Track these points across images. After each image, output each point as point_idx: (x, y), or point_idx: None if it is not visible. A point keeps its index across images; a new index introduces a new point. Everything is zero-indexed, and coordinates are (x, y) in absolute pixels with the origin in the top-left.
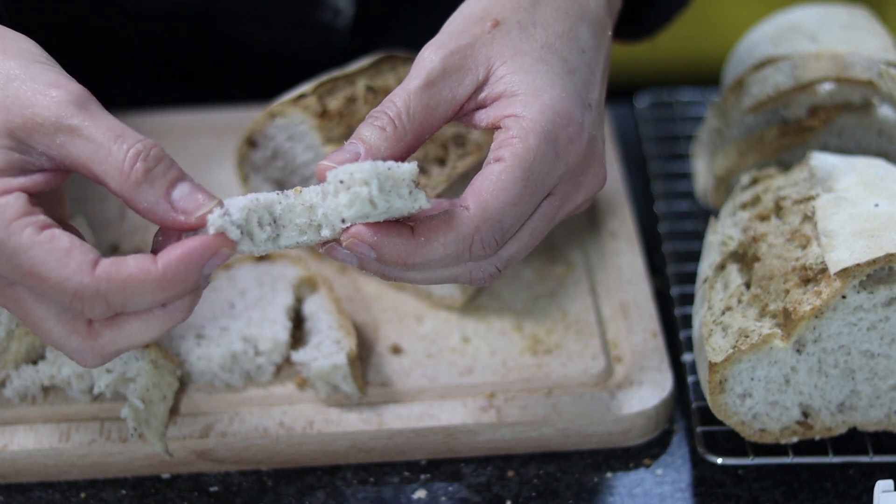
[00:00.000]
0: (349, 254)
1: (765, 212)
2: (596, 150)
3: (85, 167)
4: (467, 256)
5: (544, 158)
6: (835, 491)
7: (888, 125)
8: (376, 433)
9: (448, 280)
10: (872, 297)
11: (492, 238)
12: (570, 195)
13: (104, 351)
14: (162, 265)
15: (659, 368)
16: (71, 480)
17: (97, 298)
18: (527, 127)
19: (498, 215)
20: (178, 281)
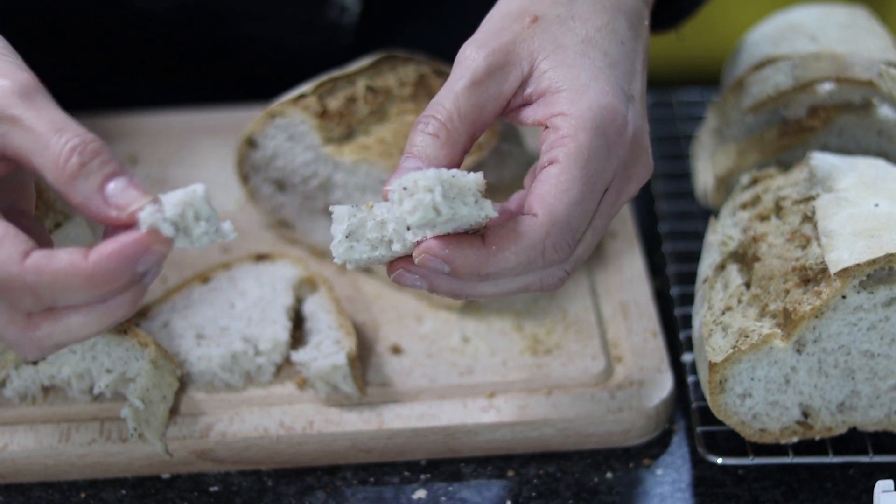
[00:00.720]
0: (417, 277)
1: (765, 212)
2: (643, 140)
3: (24, 158)
4: (540, 263)
5: (597, 154)
6: (835, 491)
7: (888, 125)
8: (376, 433)
9: (520, 289)
10: (872, 297)
11: (563, 241)
12: (624, 187)
13: (42, 343)
14: (93, 261)
15: (659, 368)
16: (71, 480)
17: (25, 290)
18: (576, 125)
19: (565, 217)
20: (109, 277)
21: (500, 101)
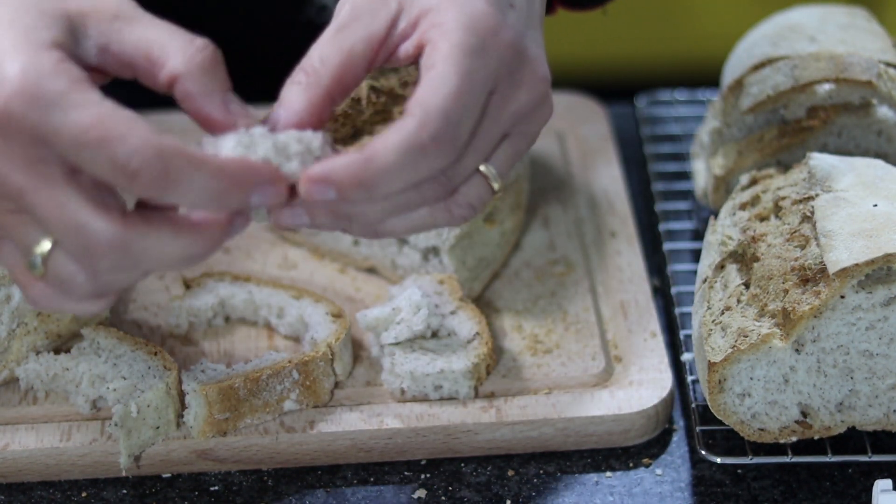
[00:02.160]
0: (300, 211)
1: (764, 212)
2: (526, 46)
3: (142, 51)
4: (425, 166)
5: (472, 50)
6: (834, 490)
7: (887, 126)
8: (376, 433)
9: (427, 223)
10: (871, 297)
11: (443, 135)
12: (513, 94)
13: (126, 244)
14: (222, 160)
15: (659, 368)
16: (72, 480)
17: (155, 165)
18: (448, 28)
19: (440, 109)
20: (233, 180)
21: (371, 41)
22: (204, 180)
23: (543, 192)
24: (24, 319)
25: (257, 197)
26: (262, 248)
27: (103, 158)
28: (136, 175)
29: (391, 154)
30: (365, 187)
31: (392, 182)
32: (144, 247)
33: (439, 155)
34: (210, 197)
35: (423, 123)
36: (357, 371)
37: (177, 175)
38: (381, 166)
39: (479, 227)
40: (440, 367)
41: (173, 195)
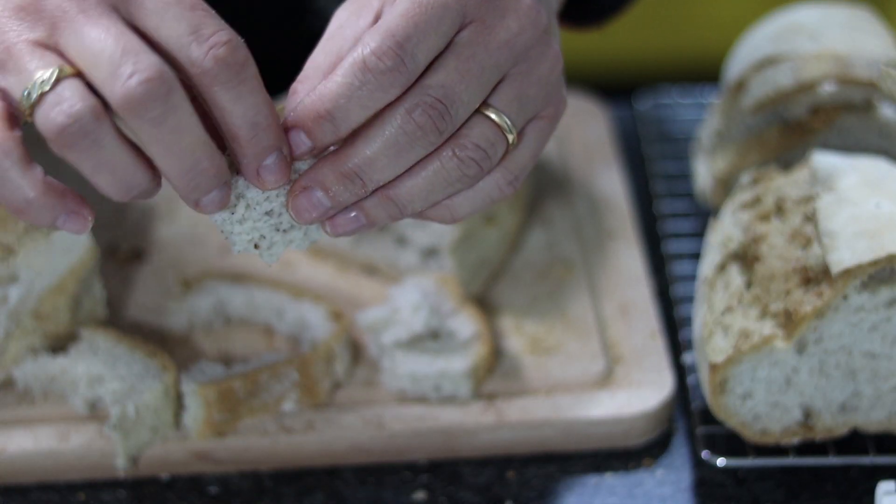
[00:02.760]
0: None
1: (766, 212)
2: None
3: None
4: (377, 85)
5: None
6: (836, 492)
7: (889, 125)
8: (376, 434)
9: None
10: (874, 297)
11: (386, 47)
12: (496, 22)
13: (155, 74)
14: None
15: (659, 368)
16: (69, 482)
17: (244, 53)
18: None
19: (386, 26)
20: (276, 120)
21: (354, 41)
22: (259, 100)
23: (543, 192)
24: (22, 320)
25: (273, 158)
26: None
27: None
28: (218, 45)
29: (338, 77)
30: (327, 118)
31: (350, 107)
32: None
33: (386, 68)
34: (255, 121)
35: (365, 43)
36: (357, 372)
37: (247, 76)
38: (332, 91)
39: (479, 227)
40: (440, 367)
41: (233, 92)
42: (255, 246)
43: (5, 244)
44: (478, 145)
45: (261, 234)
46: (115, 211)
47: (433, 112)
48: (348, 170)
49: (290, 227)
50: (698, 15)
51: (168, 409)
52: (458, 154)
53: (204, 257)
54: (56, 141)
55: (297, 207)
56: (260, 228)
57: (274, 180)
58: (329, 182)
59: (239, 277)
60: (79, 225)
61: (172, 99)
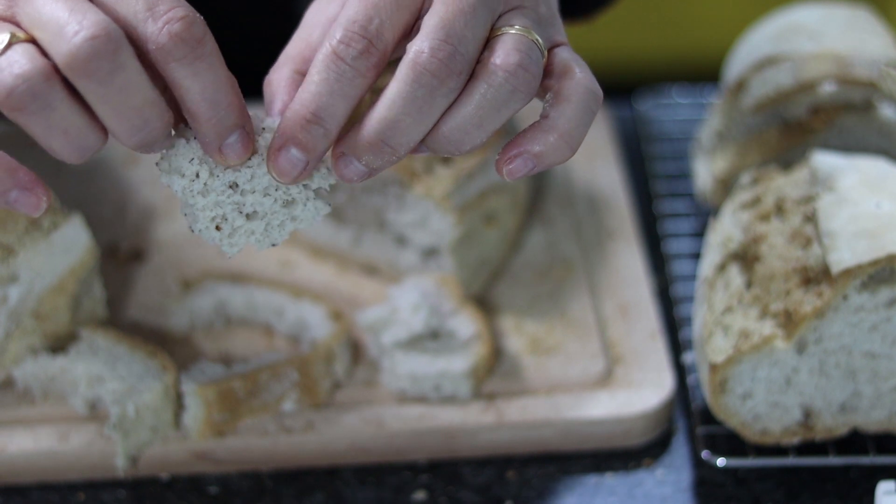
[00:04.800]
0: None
1: (766, 212)
2: None
3: None
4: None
5: None
6: (836, 492)
7: (889, 125)
8: (376, 434)
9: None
10: (874, 297)
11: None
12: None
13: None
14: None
15: (659, 368)
16: (69, 482)
17: (201, 27)
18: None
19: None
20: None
21: (323, 28)
22: (218, 77)
23: (543, 192)
24: (22, 320)
25: (235, 137)
26: None
27: None
28: (172, 22)
29: (314, 76)
30: (314, 120)
31: (333, 101)
32: None
33: (357, 54)
34: (213, 97)
35: (331, 35)
36: (356, 372)
37: (205, 52)
38: (311, 91)
39: (479, 228)
40: (440, 367)
41: (190, 68)
42: (217, 227)
43: (5, 244)
44: (510, 53)
45: (223, 215)
46: (116, 211)
47: (441, 54)
48: (375, 139)
49: (252, 211)
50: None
51: (168, 409)
52: (502, 68)
53: (204, 257)
54: (5, 103)
55: (336, 170)
56: (223, 205)
57: (236, 157)
58: (359, 151)
59: (239, 277)
60: (31, 203)
61: (119, 57)
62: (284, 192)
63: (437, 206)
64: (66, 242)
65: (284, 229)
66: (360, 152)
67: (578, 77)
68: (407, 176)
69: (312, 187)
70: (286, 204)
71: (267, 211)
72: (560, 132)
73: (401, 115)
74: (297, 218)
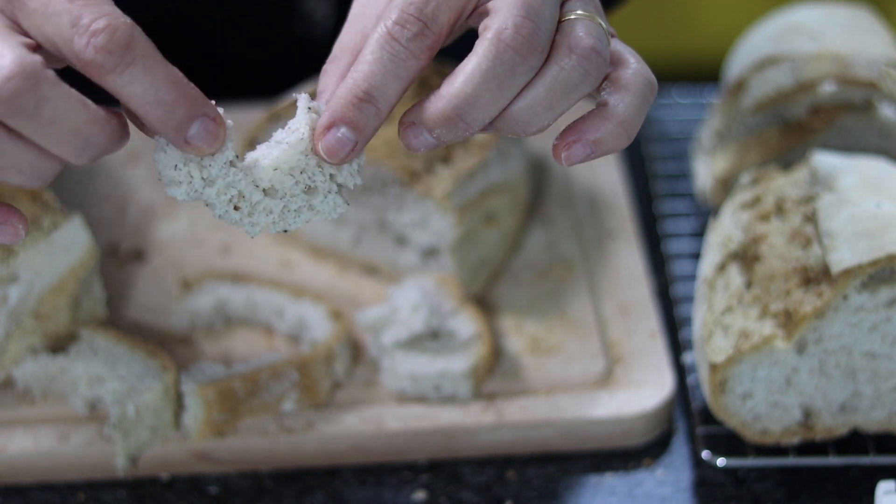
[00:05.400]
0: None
1: (766, 212)
2: None
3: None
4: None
5: None
6: (836, 492)
7: (889, 125)
8: (376, 434)
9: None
10: (874, 297)
11: (405, 13)
12: None
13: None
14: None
15: (659, 368)
16: (69, 482)
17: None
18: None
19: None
20: (188, 91)
21: (376, 19)
22: (156, 78)
23: (543, 192)
24: (22, 320)
25: (196, 127)
26: (262, 248)
27: None
28: (97, 34)
29: (367, 55)
30: (366, 99)
31: (386, 81)
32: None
33: (411, 36)
34: (156, 99)
35: (386, 17)
36: (356, 371)
37: (136, 56)
38: (365, 71)
39: (479, 227)
40: (440, 367)
41: (123, 77)
42: (235, 207)
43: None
44: (583, 37)
45: (239, 193)
46: (116, 211)
47: (525, 31)
48: (451, 113)
49: (270, 187)
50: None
51: (168, 409)
52: (575, 51)
53: (204, 257)
54: None
55: (404, 141)
56: (234, 184)
57: (207, 146)
58: (432, 123)
59: (239, 277)
60: (9, 234)
61: (41, 90)
62: (309, 177)
63: (437, 206)
64: (66, 242)
65: (300, 216)
66: (432, 124)
67: (636, 66)
68: (407, 176)
69: (338, 180)
70: (307, 190)
71: (287, 191)
72: (619, 119)
73: (480, 90)
74: (315, 208)
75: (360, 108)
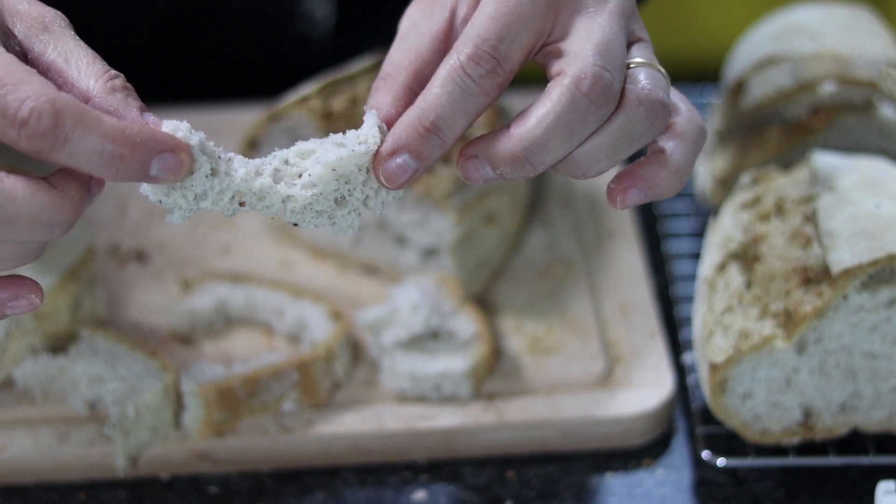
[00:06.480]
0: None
1: (766, 212)
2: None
3: (58, 66)
4: (472, 85)
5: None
6: (836, 492)
7: (889, 125)
8: (376, 434)
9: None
10: (874, 297)
11: (480, 49)
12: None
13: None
14: (126, 123)
15: (659, 368)
16: (69, 482)
17: (46, 116)
18: None
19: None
20: (132, 139)
21: (435, 38)
22: (96, 140)
23: (543, 192)
24: (22, 320)
25: (156, 166)
26: (262, 248)
27: None
28: (25, 124)
29: (437, 87)
30: (433, 130)
31: (454, 114)
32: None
33: (483, 72)
34: (104, 160)
35: (459, 50)
36: (356, 371)
37: (68, 130)
38: (433, 102)
39: (479, 227)
40: (440, 367)
41: (63, 153)
42: (241, 203)
43: None
44: (644, 85)
45: (236, 192)
46: (116, 211)
47: (602, 83)
48: (519, 154)
49: (308, 182)
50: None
51: (168, 409)
52: (644, 103)
53: (204, 257)
54: None
55: (463, 171)
56: (226, 189)
57: (174, 176)
58: (497, 161)
59: (239, 277)
60: (28, 305)
61: None
62: (349, 189)
63: (437, 206)
64: (66, 242)
65: (318, 220)
66: (498, 162)
67: (689, 114)
68: None
69: (369, 204)
70: (338, 201)
71: (320, 191)
72: (675, 168)
73: (550, 135)
74: (335, 219)
75: (426, 138)
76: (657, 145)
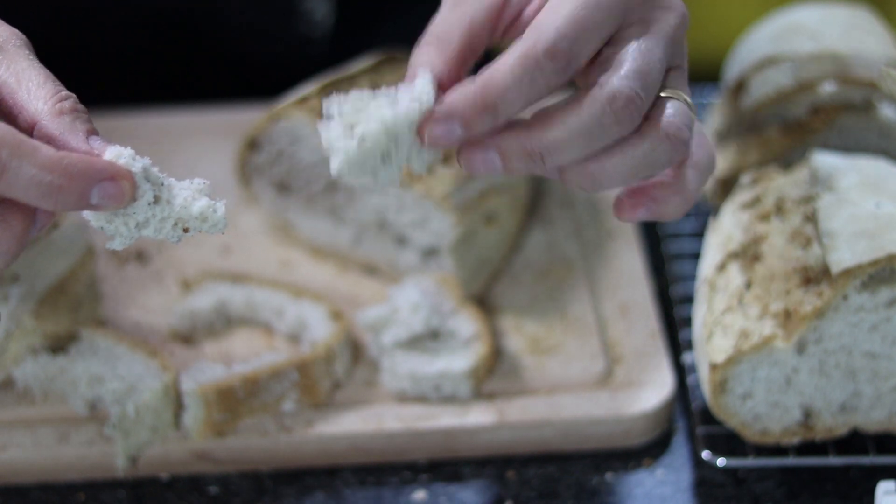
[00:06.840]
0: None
1: (766, 212)
2: None
3: (10, 86)
4: (542, 80)
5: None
6: (836, 492)
7: (889, 125)
8: (376, 434)
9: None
10: (874, 297)
11: (557, 48)
12: (656, 17)
13: None
14: (64, 153)
15: (659, 368)
16: (69, 482)
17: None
18: None
19: (555, 27)
20: (70, 169)
21: (490, 10)
22: (34, 171)
23: (543, 192)
24: (22, 320)
25: (97, 194)
26: (262, 248)
27: None
28: None
29: (506, 70)
30: (491, 109)
31: (515, 100)
32: None
33: (554, 68)
34: (42, 191)
35: (535, 39)
36: (356, 371)
37: (5, 161)
38: (500, 83)
39: (479, 227)
40: (440, 367)
41: (0, 184)
42: (185, 230)
43: None
44: (670, 118)
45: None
46: None
47: (633, 106)
48: (533, 149)
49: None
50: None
51: (168, 409)
52: (671, 139)
53: (204, 257)
54: None
55: (468, 159)
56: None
57: (116, 203)
58: (510, 154)
59: (239, 277)
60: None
61: None
62: (395, 146)
63: (437, 206)
64: (66, 242)
65: (362, 173)
66: (512, 156)
67: (702, 141)
68: (407, 176)
69: (412, 162)
70: (384, 156)
71: (371, 146)
72: (685, 195)
73: (570, 140)
74: (377, 174)
75: (482, 114)
76: (675, 171)
